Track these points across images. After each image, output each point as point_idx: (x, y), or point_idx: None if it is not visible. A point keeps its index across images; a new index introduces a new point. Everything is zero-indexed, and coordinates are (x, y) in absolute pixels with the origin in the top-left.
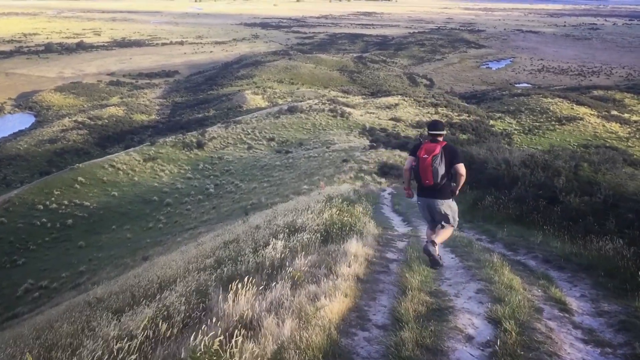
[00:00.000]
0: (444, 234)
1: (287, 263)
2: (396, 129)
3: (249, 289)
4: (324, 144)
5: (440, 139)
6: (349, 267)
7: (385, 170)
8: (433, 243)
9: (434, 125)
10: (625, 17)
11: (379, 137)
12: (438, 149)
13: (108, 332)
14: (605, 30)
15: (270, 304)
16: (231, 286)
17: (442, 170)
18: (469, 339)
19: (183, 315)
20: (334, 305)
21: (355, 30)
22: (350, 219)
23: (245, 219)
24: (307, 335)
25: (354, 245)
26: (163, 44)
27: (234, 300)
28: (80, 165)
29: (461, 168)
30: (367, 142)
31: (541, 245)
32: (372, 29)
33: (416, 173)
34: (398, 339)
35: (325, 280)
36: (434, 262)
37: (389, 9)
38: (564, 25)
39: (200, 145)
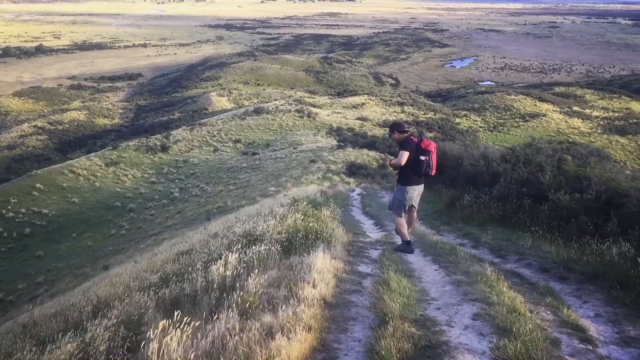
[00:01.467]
0: (414, 220)
1: (240, 282)
2: (363, 129)
3: (187, 324)
4: (291, 144)
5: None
6: (314, 287)
7: (354, 170)
8: (410, 243)
9: (403, 125)
10: (584, 15)
11: (346, 137)
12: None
13: None
14: (564, 28)
15: (211, 345)
16: (164, 325)
17: None
18: None
19: (104, 357)
20: (294, 347)
21: (321, 31)
22: (316, 225)
23: (206, 225)
24: None
25: (320, 258)
26: (125, 47)
27: (159, 352)
28: (39, 171)
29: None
30: (334, 142)
31: (532, 249)
32: (337, 30)
33: (422, 165)
34: None
35: (284, 306)
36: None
37: (353, 10)
38: (525, 24)
39: (164, 149)
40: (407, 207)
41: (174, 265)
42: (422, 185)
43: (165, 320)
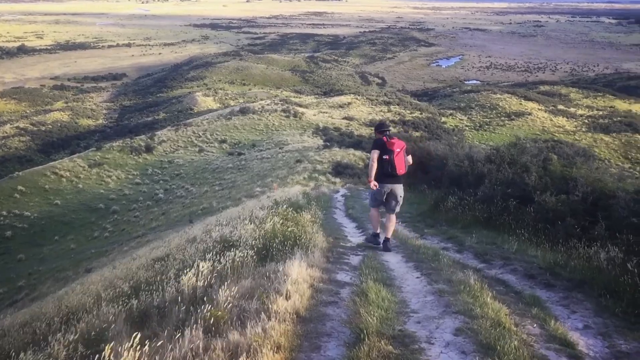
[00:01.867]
0: (392, 226)
1: (212, 293)
2: (349, 128)
3: (144, 344)
4: (277, 144)
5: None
6: (287, 299)
7: (340, 169)
8: (388, 242)
9: (385, 125)
10: (568, 14)
11: (332, 137)
12: (404, 144)
13: None
14: (549, 27)
15: None
16: (121, 344)
17: (407, 161)
18: None
19: None
20: None
21: (307, 30)
22: (295, 230)
23: (186, 228)
24: None
25: (296, 267)
26: (109, 47)
27: None
28: (20, 173)
29: (411, 158)
30: (320, 142)
31: (518, 254)
32: (323, 29)
33: (387, 164)
34: None
35: (254, 322)
36: (386, 249)
37: (340, 9)
38: (510, 23)
39: (149, 149)
40: (380, 203)
41: (148, 273)
42: (397, 185)
43: (144, 319)
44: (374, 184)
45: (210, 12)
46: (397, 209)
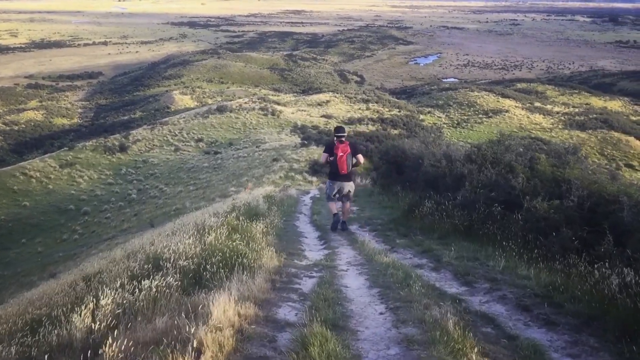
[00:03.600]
0: (348, 211)
1: (109, 339)
2: (328, 126)
3: None
4: (254, 143)
5: (344, 138)
6: (199, 356)
7: (317, 168)
8: (345, 224)
9: (341, 129)
10: (544, 13)
11: (310, 135)
12: (348, 148)
13: None
14: (525, 25)
15: None
16: None
17: (351, 162)
18: None
19: None
20: None
21: (285, 29)
22: (241, 245)
23: (132, 239)
24: None
25: (222, 302)
26: (85, 45)
27: None
28: None
29: (361, 157)
30: (298, 140)
31: (506, 273)
32: (301, 27)
33: (334, 165)
34: None
35: None
36: (344, 229)
37: (318, 7)
38: (487, 22)
39: (123, 149)
40: (331, 195)
41: (67, 298)
42: (345, 182)
43: None
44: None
45: (188, 10)
46: (350, 199)
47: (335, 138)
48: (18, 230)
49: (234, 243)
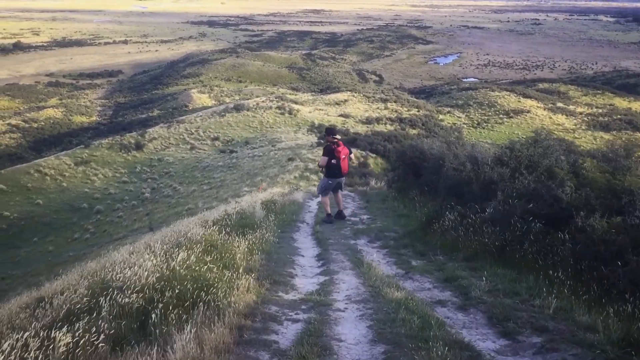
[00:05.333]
0: (341, 200)
1: None
2: (345, 125)
3: None
4: (270, 142)
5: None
6: None
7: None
8: (342, 212)
9: (335, 131)
10: (566, 12)
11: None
12: (346, 149)
13: None
14: (547, 25)
15: None
16: None
17: (351, 159)
18: None
19: None
20: None
21: (304, 28)
22: (213, 271)
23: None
24: None
25: None
26: (106, 43)
27: None
28: (3, 171)
29: (353, 155)
30: (315, 140)
31: (560, 318)
32: (320, 26)
33: (336, 167)
34: None
35: None
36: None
37: (338, 7)
38: (508, 21)
39: (139, 147)
40: (329, 192)
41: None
42: (342, 178)
43: None
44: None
45: (208, 9)
46: (342, 189)
47: (332, 141)
48: (30, 229)
49: (204, 268)
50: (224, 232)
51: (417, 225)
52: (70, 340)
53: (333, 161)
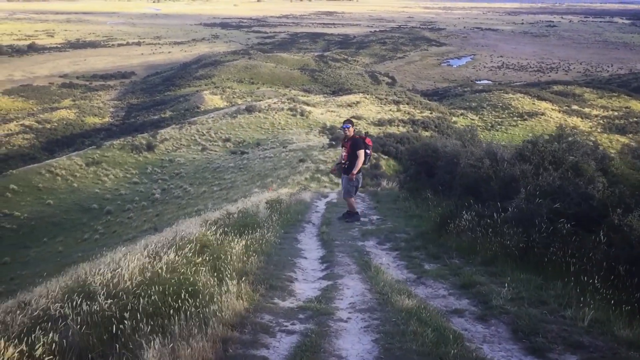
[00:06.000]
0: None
1: None
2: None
3: None
4: (281, 143)
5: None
6: None
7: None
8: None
9: (347, 121)
10: (581, 15)
11: (339, 136)
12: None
13: None
14: (561, 27)
15: None
16: None
17: None
18: None
19: None
20: None
21: (317, 30)
22: (201, 274)
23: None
24: None
25: None
26: (119, 45)
27: None
28: (14, 171)
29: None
30: (326, 141)
31: (596, 332)
32: (333, 28)
33: (368, 158)
34: None
35: None
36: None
37: (350, 9)
38: (522, 23)
39: (150, 148)
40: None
41: None
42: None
43: None
44: (356, 177)
45: (221, 11)
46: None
47: (360, 134)
48: (40, 229)
49: (191, 271)
50: (221, 231)
51: (431, 226)
52: (13, 354)
53: (367, 151)
